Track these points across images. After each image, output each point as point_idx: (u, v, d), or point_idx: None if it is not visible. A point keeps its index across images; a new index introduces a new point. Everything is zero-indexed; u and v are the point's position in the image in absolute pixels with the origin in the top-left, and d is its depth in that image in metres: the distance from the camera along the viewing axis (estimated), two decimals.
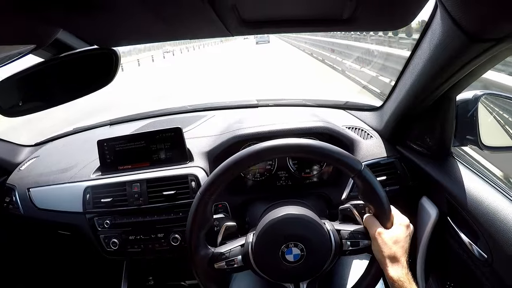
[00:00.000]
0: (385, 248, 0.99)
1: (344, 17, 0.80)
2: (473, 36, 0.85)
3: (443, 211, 1.34)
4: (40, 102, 1.09)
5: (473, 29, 0.83)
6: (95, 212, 1.61)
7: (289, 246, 1.05)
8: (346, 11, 0.77)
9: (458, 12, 0.82)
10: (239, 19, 0.81)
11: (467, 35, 0.85)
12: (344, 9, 0.77)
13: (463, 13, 0.81)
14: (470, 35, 0.85)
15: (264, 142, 1.04)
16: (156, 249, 1.58)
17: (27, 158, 2.03)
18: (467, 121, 1.33)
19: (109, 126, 2.21)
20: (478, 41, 0.86)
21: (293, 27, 0.89)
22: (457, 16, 0.83)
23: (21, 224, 1.84)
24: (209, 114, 2.07)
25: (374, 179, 1.03)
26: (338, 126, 1.65)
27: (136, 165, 1.65)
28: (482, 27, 0.82)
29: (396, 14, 0.83)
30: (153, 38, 1.10)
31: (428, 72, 1.13)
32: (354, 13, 0.76)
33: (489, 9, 0.75)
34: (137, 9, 0.77)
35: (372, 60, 11.63)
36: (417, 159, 1.48)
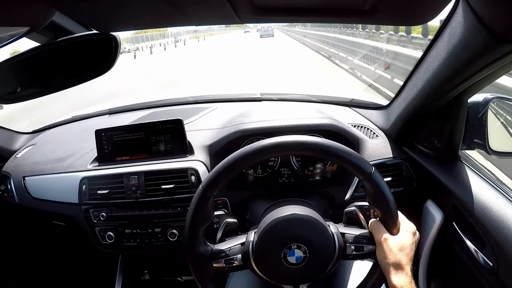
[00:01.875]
0: (390, 255, 0.98)
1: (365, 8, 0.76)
2: (499, 36, 0.80)
3: (449, 216, 1.32)
4: (37, 88, 1.07)
5: (498, 28, 0.79)
6: (91, 204, 1.58)
7: (291, 248, 1.03)
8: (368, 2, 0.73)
9: (483, 8, 0.78)
10: (250, 5, 0.77)
11: (492, 34, 0.81)
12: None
13: (489, 9, 0.77)
14: (495, 35, 0.81)
15: (271, 138, 1.02)
16: (152, 244, 1.55)
17: (23, 146, 2.01)
18: (476, 125, 1.31)
19: (108, 115, 2.19)
20: (504, 41, 0.82)
21: (307, 16, 0.86)
22: (482, 12, 0.79)
23: (16, 212, 1.82)
24: (211, 106, 2.04)
25: (384, 183, 1.01)
26: (343, 123, 1.63)
27: (134, 157, 1.62)
28: (509, 27, 0.77)
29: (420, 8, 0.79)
30: (157, 23, 1.06)
31: (444, 73, 1.09)
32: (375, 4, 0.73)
33: None
34: None
35: (377, 58, 11.69)
36: (423, 161, 1.45)
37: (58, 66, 1.06)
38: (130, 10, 0.87)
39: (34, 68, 1.04)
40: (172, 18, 0.95)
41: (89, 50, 1.03)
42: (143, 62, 23.96)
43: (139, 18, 0.95)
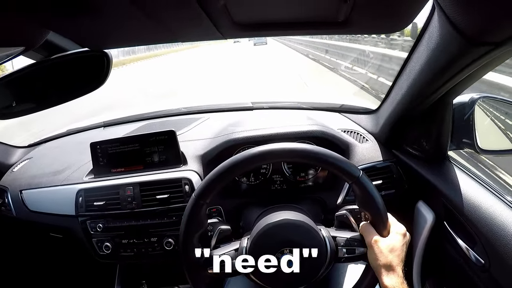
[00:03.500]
0: (381, 257, 0.98)
1: (339, 20, 0.78)
2: (472, 39, 0.83)
3: (440, 216, 1.33)
4: (32, 104, 1.08)
5: (471, 32, 0.82)
6: (88, 215, 1.60)
7: (284, 252, 1.04)
8: (341, 14, 0.75)
9: (456, 14, 0.80)
10: (230, 21, 0.79)
11: (465, 38, 0.84)
12: (339, 12, 0.76)
13: (461, 15, 0.79)
14: (468, 38, 0.83)
15: (260, 146, 1.03)
16: (149, 253, 1.57)
17: (20, 160, 2.01)
18: (464, 125, 1.33)
19: (103, 128, 2.19)
20: (477, 44, 0.84)
21: (286, 29, 0.88)
22: (455, 19, 0.82)
23: (13, 226, 1.83)
24: (204, 117, 2.05)
25: (372, 186, 1.02)
26: (333, 129, 1.64)
27: (129, 168, 1.63)
28: (481, 30, 0.80)
29: (393, 17, 0.82)
30: (144, 41, 1.09)
31: (425, 76, 1.12)
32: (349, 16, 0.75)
33: (489, 12, 0.73)
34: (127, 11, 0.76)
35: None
36: (413, 163, 1.47)
37: (53, 82, 1.07)
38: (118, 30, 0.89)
39: (30, 84, 1.05)
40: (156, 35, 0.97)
41: (82, 66, 1.05)
42: None
43: (126, 36, 0.97)
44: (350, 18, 0.76)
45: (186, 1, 0.68)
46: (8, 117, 1.10)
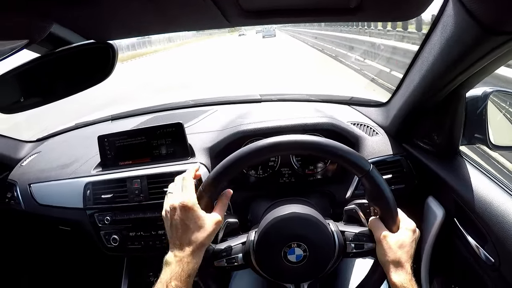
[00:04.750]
0: (390, 253, 0.97)
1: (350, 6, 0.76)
2: (489, 29, 0.81)
3: (450, 212, 1.31)
4: (38, 97, 1.08)
5: (488, 21, 0.79)
6: (96, 208, 1.61)
7: (291, 246, 1.03)
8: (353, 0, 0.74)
9: (472, 2, 0.78)
10: (238, 8, 0.78)
11: (482, 27, 0.81)
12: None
13: (478, 3, 0.77)
14: (485, 27, 0.81)
15: (269, 138, 1.01)
16: (156, 246, 1.58)
17: (28, 154, 2.04)
18: (476, 119, 1.30)
19: (111, 121, 2.21)
20: (494, 34, 0.82)
21: (296, 17, 0.86)
22: (472, 6, 0.79)
23: (22, 219, 1.85)
24: (211, 109, 2.05)
25: (382, 180, 1.00)
26: (343, 122, 1.63)
27: (136, 161, 1.64)
28: (499, 19, 0.78)
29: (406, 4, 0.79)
30: (150, 31, 1.08)
31: (438, 67, 1.10)
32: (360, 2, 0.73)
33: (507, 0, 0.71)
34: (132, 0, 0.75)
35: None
36: (424, 157, 1.45)
37: (58, 75, 1.07)
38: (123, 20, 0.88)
39: (36, 78, 1.05)
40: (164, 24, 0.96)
41: (87, 58, 1.05)
42: None
43: (130, 26, 0.97)
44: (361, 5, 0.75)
45: None
46: (15, 111, 1.10)
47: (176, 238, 0.96)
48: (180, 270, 0.91)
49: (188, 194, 0.98)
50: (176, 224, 0.96)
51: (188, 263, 0.92)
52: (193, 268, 0.93)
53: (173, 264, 0.92)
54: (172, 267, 0.91)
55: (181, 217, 0.95)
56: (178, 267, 0.91)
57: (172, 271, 0.91)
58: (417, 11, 0.81)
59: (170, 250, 0.96)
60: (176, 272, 0.90)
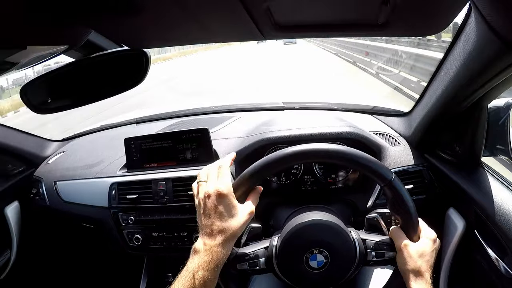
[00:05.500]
0: (410, 262, 0.97)
1: (379, 22, 0.78)
2: (509, 42, 0.82)
3: (471, 224, 1.30)
4: (69, 101, 1.12)
5: (509, 35, 0.80)
6: (120, 208, 1.65)
7: (313, 252, 1.04)
8: (381, 16, 0.76)
9: (493, 17, 0.80)
10: (273, 23, 0.80)
11: (502, 40, 0.83)
12: (379, 14, 0.76)
13: (498, 18, 0.79)
14: (506, 42, 0.82)
15: (294, 146, 1.03)
16: (178, 247, 1.61)
17: (54, 152, 2.09)
18: (498, 130, 1.30)
19: (135, 124, 2.25)
20: None
21: (326, 31, 0.88)
22: (493, 21, 0.81)
23: (46, 214, 1.89)
24: (236, 116, 2.07)
25: (404, 190, 1.00)
26: (365, 131, 1.63)
27: (162, 164, 1.67)
28: None
29: (431, 19, 0.81)
30: (185, 41, 1.10)
31: (461, 79, 1.11)
32: (389, 18, 0.75)
33: None
34: (170, 11, 0.77)
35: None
36: (445, 168, 1.45)
37: (91, 80, 1.10)
38: (160, 29, 0.91)
39: (67, 82, 1.09)
40: (198, 35, 0.98)
41: (120, 65, 1.08)
42: None
43: (168, 36, 0.99)
44: (389, 21, 0.77)
45: (230, 3, 0.70)
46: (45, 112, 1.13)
47: (208, 226, 0.94)
48: (208, 259, 0.89)
49: (225, 181, 0.97)
50: (209, 212, 0.94)
51: (217, 252, 0.91)
52: (222, 259, 0.92)
53: (202, 253, 0.90)
54: (201, 256, 0.90)
55: (215, 204, 0.94)
56: (206, 256, 0.90)
57: (200, 260, 0.89)
58: (442, 25, 0.82)
59: (200, 238, 0.94)
60: (205, 261, 0.89)
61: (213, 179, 0.99)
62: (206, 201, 0.95)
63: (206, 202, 0.95)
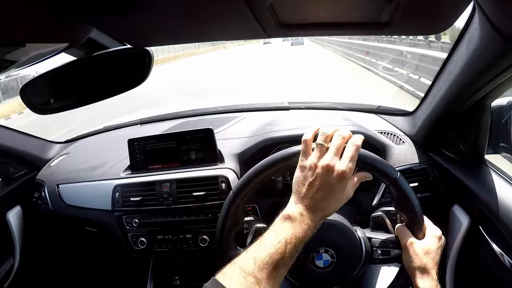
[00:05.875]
0: (416, 259, 0.98)
1: (382, 21, 0.79)
2: None
3: (475, 220, 1.31)
4: (71, 100, 1.10)
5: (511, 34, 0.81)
6: (124, 211, 1.64)
7: (319, 252, 1.05)
8: (385, 15, 0.76)
9: (497, 16, 0.80)
10: (276, 21, 0.81)
11: (506, 40, 0.83)
12: (382, 13, 0.76)
13: (502, 18, 0.79)
14: (509, 40, 0.83)
15: (299, 145, 1.02)
16: (183, 249, 1.60)
17: (57, 155, 2.08)
18: (501, 128, 1.30)
19: (140, 125, 2.23)
20: None
21: (329, 30, 0.89)
22: (496, 21, 0.81)
23: (49, 218, 1.88)
24: (240, 116, 2.07)
25: (409, 188, 1.01)
26: (370, 130, 1.64)
27: (166, 165, 1.67)
28: None
29: (435, 18, 0.81)
30: (188, 39, 1.10)
31: (465, 78, 1.11)
32: (392, 16, 0.76)
33: None
34: (173, 9, 0.77)
35: None
36: (449, 166, 1.45)
37: (93, 79, 1.09)
38: (162, 27, 0.91)
39: (69, 81, 1.07)
40: (202, 33, 0.99)
41: (123, 64, 1.06)
42: None
43: (170, 34, 0.99)
44: (392, 19, 0.77)
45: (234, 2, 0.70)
46: (46, 112, 1.12)
47: (313, 198, 0.88)
48: (302, 232, 0.84)
49: (352, 165, 0.91)
50: (322, 186, 0.87)
51: (312, 228, 0.86)
52: (310, 235, 0.87)
53: (297, 223, 0.85)
54: (295, 226, 0.85)
55: (333, 183, 0.88)
56: (301, 228, 0.85)
57: (295, 230, 0.84)
58: (446, 24, 0.83)
59: (296, 205, 0.89)
60: (298, 232, 0.84)
61: (343, 156, 0.91)
62: (326, 174, 0.88)
63: (326, 175, 0.88)
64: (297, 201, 0.89)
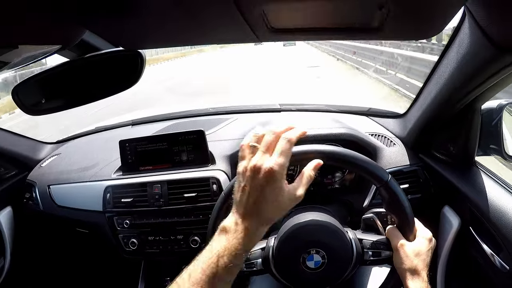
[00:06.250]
0: (407, 261, 0.98)
1: (373, 26, 0.79)
2: (502, 47, 0.84)
3: (465, 221, 1.32)
4: (63, 101, 1.09)
5: (501, 39, 0.82)
6: (115, 212, 1.63)
7: (310, 253, 1.05)
8: (376, 20, 0.76)
9: (486, 22, 0.81)
10: (267, 26, 0.81)
11: (495, 45, 0.84)
12: (373, 18, 0.76)
13: (491, 23, 0.80)
14: (498, 45, 0.84)
15: None
16: (175, 250, 1.60)
17: (48, 155, 2.06)
18: (491, 131, 1.32)
19: (131, 126, 2.23)
20: (507, 51, 0.85)
21: (320, 35, 0.89)
22: (486, 26, 0.82)
23: (40, 220, 1.87)
24: (232, 117, 2.07)
25: (400, 190, 1.01)
26: (361, 132, 1.65)
27: (157, 166, 1.66)
28: (510, 38, 0.81)
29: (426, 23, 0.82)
30: (181, 42, 1.10)
31: (455, 81, 1.12)
32: (383, 22, 0.76)
33: None
34: (166, 13, 0.77)
35: None
36: (440, 167, 1.46)
37: (85, 80, 1.08)
38: (155, 31, 0.90)
39: (62, 82, 1.06)
40: (193, 37, 0.98)
41: (115, 66, 1.06)
42: None
43: (162, 37, 0.98)
44: (383, 24, 0.77)
45: (225, 7, 0.70)
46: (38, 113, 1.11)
47: (245, 204, 0.80)
48: (237, 243, 0.76)
49: (283, 161, 0.81)
50: (252, 190, 0.79)
51: (249, 236, 0.77)
52: (251, 245, 0.79)
53: (231, 234, 0.77)
54: (229, 238, 0.77)
55: (261, 184, 0.78)
56: (236, 239, 0.76)
57: (229, 242, 0.76)
58: (436, 29, 0.83)
59: (232, 215, 0.81)
60: (233, 244, 0.76)
61: (275, 153, 0.83)
62: (253, 176, 0.80)
63: (253, 177, 0.80)
64: (233, 210, 0.82)
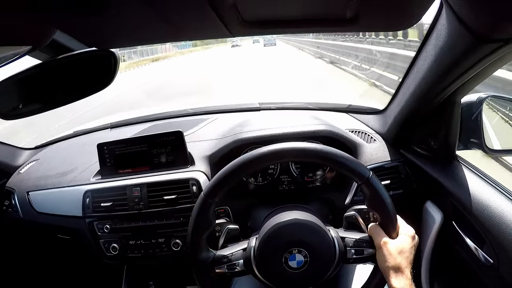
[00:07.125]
0: (390, 259, 0.98)
1: (347, 17, 0.78)
2: (480, 37, 0.83)
3: (448, 216, 1.32)
4: (39, 104, 1.08)
5: (480, 29, 0.81)
6: (95, 217, 1.60)
7: (292, 252, 1.04)
8: (349, 11, 0.75)
9: (464, 11, 0.80)
10: (239, 19, 0.79)
11: (474, 35, 0.83)
12: (346, 8, 0.76)
13: (470, 12, 0.79)
14: (477, 36, 0.83)
15: (269, 146, 1.02)
16: (156, 254, 1.57)
17: (26, 161, 2.02)
18: (471, 124, 1.32)
19: (110, 129, 2.20)
20: (486, 41, 0.84)
21: (295, 27, 0.88)
22: (464, 16, 0.81)
23: (20, 227, 1.83)
24: (211, 118, 2.05)
25: (381, 187, 1.01)
26: (341, 129, 1.64)
27: (136, 169, 1.63)
28: (490, 27, 0.80)
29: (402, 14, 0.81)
30: (153, 40, 1.09)
31: (433, 75, 1.12)
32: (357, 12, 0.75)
33: (497, 9, 0.73)
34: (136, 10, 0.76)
35: None
36: (421, 162, 1.46)
37: (59, 82, 1.07)
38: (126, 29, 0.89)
39: (36, 85, 1.05)
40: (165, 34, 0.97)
41: (89, 66, 1.05)
42: None
43: (134, 35, 0.97)
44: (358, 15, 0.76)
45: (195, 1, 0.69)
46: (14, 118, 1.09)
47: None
48: None
49: None
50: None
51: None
52: None
53: None
54: None
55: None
56: None
57: None
58: (412, 21, 0.83)
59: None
60: None
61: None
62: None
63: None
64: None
